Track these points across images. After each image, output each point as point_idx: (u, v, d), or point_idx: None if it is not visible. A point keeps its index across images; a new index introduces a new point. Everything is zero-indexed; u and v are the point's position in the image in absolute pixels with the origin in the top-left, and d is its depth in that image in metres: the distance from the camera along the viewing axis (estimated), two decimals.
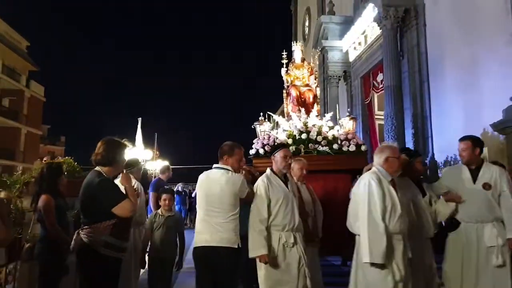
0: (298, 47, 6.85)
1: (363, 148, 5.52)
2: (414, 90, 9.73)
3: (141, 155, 14.13)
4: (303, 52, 6.90)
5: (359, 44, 12.47)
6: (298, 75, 6.55)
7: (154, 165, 16.42)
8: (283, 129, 5.79)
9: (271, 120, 6.19)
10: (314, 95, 6.40)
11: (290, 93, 6.43)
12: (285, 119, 6.08)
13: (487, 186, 3.45)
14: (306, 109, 6.13)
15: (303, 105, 6.21)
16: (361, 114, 12.59)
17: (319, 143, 5.48)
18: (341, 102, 12.99)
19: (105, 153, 3.01)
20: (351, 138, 5.56)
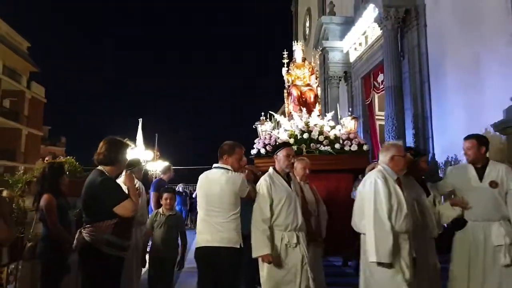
0: (299, 47, 6.84)
1: (365, 147, 5.51)
2: (414, 90, 9.73)
3: (142, 155, 14.13)
4: (304, 52, 6.89)
5: (360, 44, 12.49)
6: (299, 75, 6.53)
7: (154, 166, 16.43)
8: (284, 129, 5.78)
9: (272, 120, 6.18)
10: (315, 95, 6.39)
11: (291, 93, 6.42)
12: (286, 119, 6.07)
13: (494, 184, 3.42)
14: (307, 108, 6.12)
15: (304, 105, 6.20)
16: (362, 114, 12.59)
17: (320, 143, 5.47)
18: (341, 102, 12.99)
19: (107, 152, 3.01)
20: (353, 137, 5.54)
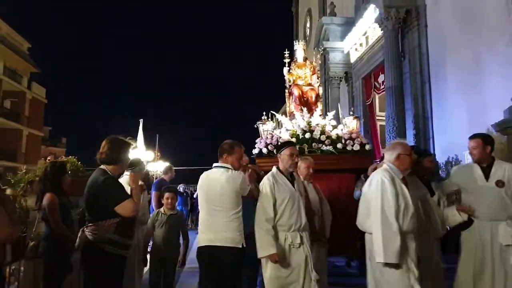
0: (300, 46, 6.82)
1: (367, 147, 5.48)
2: (415, 91, 9.76)
3: (143, 156, 14.13)
4: (305, 52, 6.89)
5: (361, 45, 12.51)
6: (300, 74, 6.52)
7: (155, 166, 16.42)
8: (286, 129, 5.77)
9: (273, 119, 6.18)
10: (316, 94, 6.37)
11: (292, 93, 6.41)
12: (288, 119, 6.07)
13: (501, 183, 3.39)
14: (308, 108, 6.11)
15: (305, 105, 6.20)
16: (363, 115, 12.61)
17: (322, 143, 5.45)
18: (342, 103, 13.00)
19: (110, 152, 3.01)
20: (355, 137, 5.53)
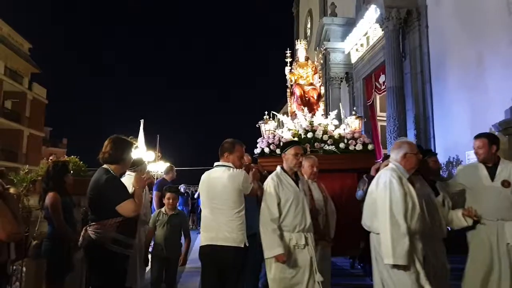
0: (302, 46, 6.81)
1: (370, 147, 5.47)
2: (416, 91, 9.77)
3: (144, 156, 14.14)
4: (306, 51, 6.89)
5: (361, 45, 12.52)
6: (302, 74, 6.52)
7: (156, 167, 16.43)
8: (288, 128, 5.76)
9: (275, 119, 6.16)
10: (318, 94, 6.36)
11: (294, 92, 6.41)
12: (289, 118, 6.06)
13: (506, 183, 3.38)
14: (310, 108, 6.10)
15: (307, 104, 6.19)
16: (363, 115, 12.62)
17: (325, 142, 5.45)
18: (343, 103, 13.02)
19: (113, 151, 3.02)
20: (357, 137, 5.52)
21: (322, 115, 5.93)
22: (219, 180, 3.25)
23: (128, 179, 3.50)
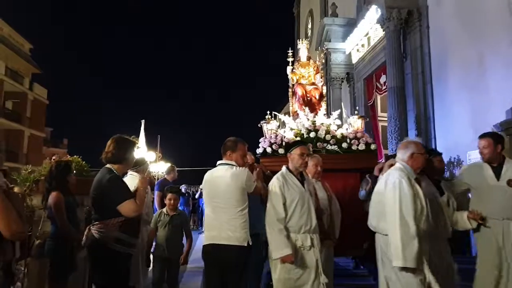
0: (303, 45, 6.80)
1: (372, 147, 5.47)
2: (417, 91, 9.78)
3: (145, 156, 14.14)
4: (308, 50, 6.89)
5: (362, 46, 12.53)
6: (303, 74, 6.52)
7: (157, 167, 16.45)
8: (290, 128, 5.76)
9: (276, 119, 6.16)
10: (320, 94, 6.35)
11: (296, 92, 6.40)
12: (291, 118, 6.06)
13: None
14: (312, 107, 6.10)
15: (309, 104, 6.18)
16: (364, 116, 12.61)
17: (327, 142, 5.45)
18: (344, 104, 13.03)
19: (116, 151, 3.03)
20: (360, 136, 5.52)
21: (324, 114, 5.93)
22: (222, 178, 3.24)
23: (130, 179, 3.51)
